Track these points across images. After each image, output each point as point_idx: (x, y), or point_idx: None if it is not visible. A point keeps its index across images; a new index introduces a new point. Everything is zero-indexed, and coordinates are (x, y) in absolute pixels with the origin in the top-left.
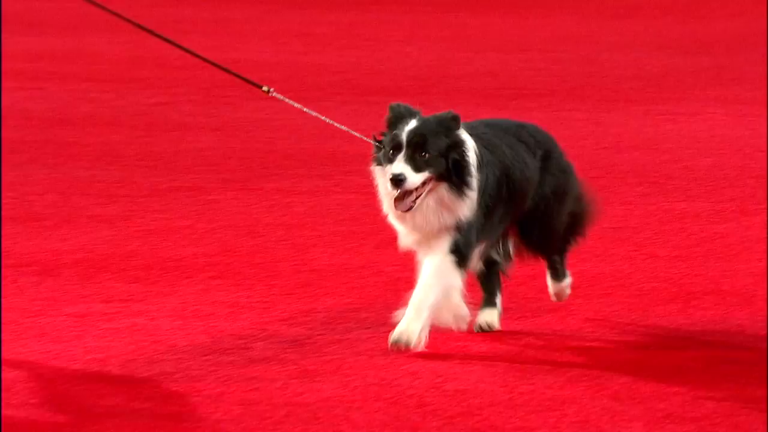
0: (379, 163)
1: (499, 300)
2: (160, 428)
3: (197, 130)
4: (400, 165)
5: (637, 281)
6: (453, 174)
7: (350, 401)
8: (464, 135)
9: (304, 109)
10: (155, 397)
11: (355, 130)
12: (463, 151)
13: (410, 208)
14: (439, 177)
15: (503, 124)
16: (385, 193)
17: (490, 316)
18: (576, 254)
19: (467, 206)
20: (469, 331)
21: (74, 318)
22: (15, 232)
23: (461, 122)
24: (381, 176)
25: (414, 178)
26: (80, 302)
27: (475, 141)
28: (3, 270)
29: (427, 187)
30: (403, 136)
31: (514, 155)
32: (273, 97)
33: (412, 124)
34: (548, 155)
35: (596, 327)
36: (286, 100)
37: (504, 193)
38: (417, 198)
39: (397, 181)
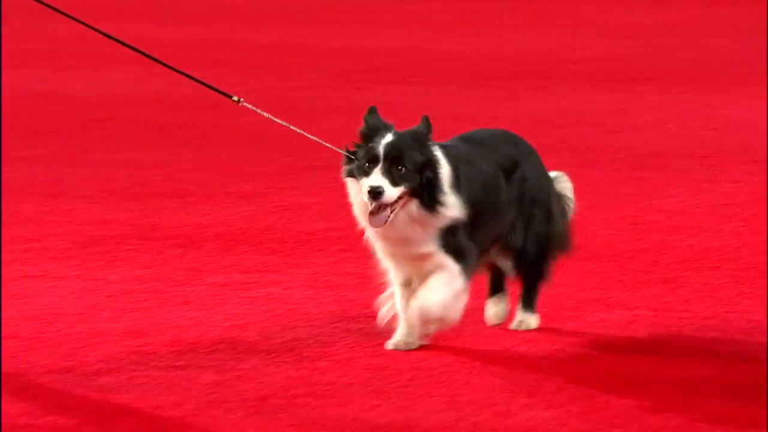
0: (352, 175)
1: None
2: (294, 389)
3: (330, 113)
4: (377, 178)
5: (745, 255)
6: (425, 190)
7: (470, 367)
8: (438, 152)
9: (275, 119)
10: (289, 361)
11: (474, 114)
12: (436, 168)
13: (385, 222)
14: (413, 192)
15: (477, 136)
16: (360, 206)
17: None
18: (686, 229)
19: (439, 221)
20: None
21: (215, 287)
22: (162, 207)
23: (436, 141)
24: (355, 188)
25: (391, 192)
26: (220, 272)
27: (452, 159)
28: (150, 242)
29: (401, 202)
30: (380, 149)
31: (491, 169)
32: (413, 83)
33: (388, 137)
34: (517, 166)
35: (704, 298)
36: (256, 110)
37: (486, 208)
38: (392, 212)
39: (375, 194)
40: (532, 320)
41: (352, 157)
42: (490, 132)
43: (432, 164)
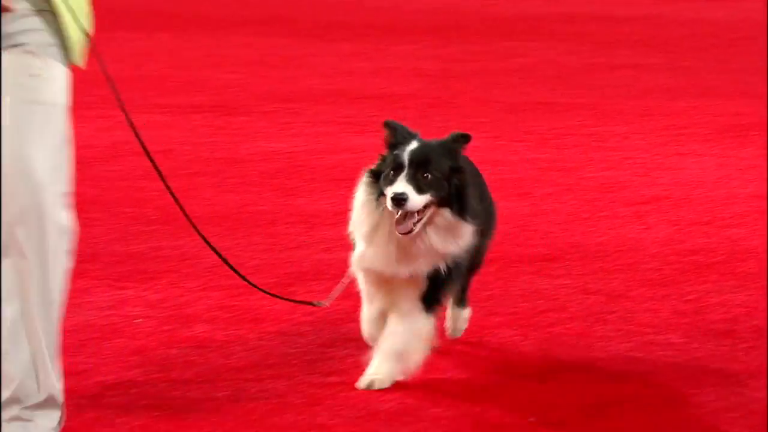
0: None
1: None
2: None
3: None
4: (401, 184)
5: None
6: (454, 199)
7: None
8: (467, 160)
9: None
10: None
11: None
12: (465, 176)
13: (410, 231)
14: (441, 202)
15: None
16: (364, 209)
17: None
18: None
19: (468, 236)
20: None
21: None
22: None
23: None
24: (366, 201)
25: (416, 200)
26: None
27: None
28: None
29: (429, 212)
30: (405, 156)
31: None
32: None
33: (414, 144)
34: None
35: None
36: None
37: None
38: (418, 221)
39: (399, 201)
40: (465, 318)
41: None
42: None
43: (461, 170)
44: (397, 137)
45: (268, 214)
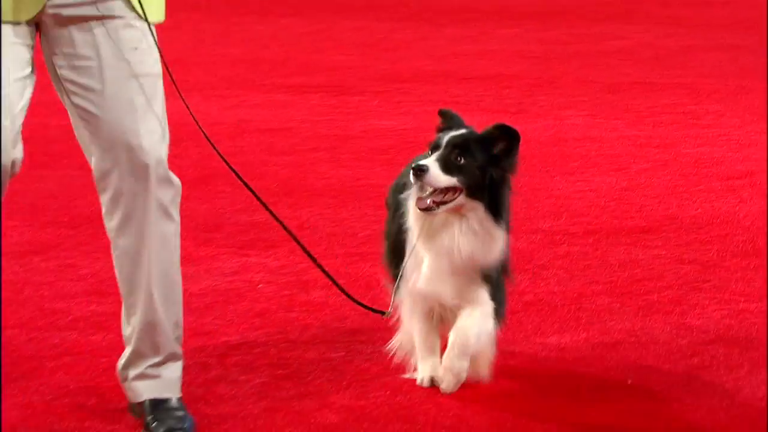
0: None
1: None
2: None
3: None
4: (428, 159)
5: None
6: (488, 195)
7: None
8: (516, 158)
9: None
10: None
11: None
12: (506, 175)
13: (428, 209)
14: (472, 194)
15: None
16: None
17: None
18: None
19: (501, 241)
20: None
21: None
22: None
23: None
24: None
25: (438, 175)
26: None
27: None
28: None
29: (456, 199)
30: (444, 139)
31: None
32: None
33: (459, 131)
34: None
35: None
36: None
37: None
38: (440, 204)
39: (418, 171)
40: None
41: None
42: None
43: (500, 167)
44: (447, 124)
45: (380, 188)
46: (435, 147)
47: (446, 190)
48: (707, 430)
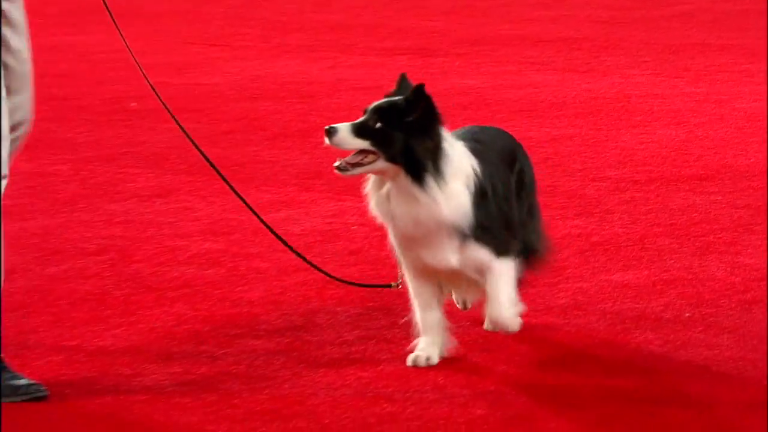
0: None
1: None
2: None
3: None
4: (342, 124)
5: None
6: (407, 159)
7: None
8: (450, 137)
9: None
10: None
11: None
12: (425, 137)
13: (340, 168)
14: (391, 159)
15: (472, 133)
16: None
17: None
18: None
19: (443, 200)
20: None
21: None
22: None
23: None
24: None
25: (345, 138)
26: None
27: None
28: None
29: (374, 163)
30: (371, 105)
31: (506, 172)
32: None
33: (393, 98)
34: (516, 159)
35: None
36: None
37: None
38: (355, 166)
39: (328, 132)
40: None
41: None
42: (480, 128)
43: (423, 130)
44: (397, 90)
45: None
46: (364, 112)
47: (364, 153)
48: (761, 358)
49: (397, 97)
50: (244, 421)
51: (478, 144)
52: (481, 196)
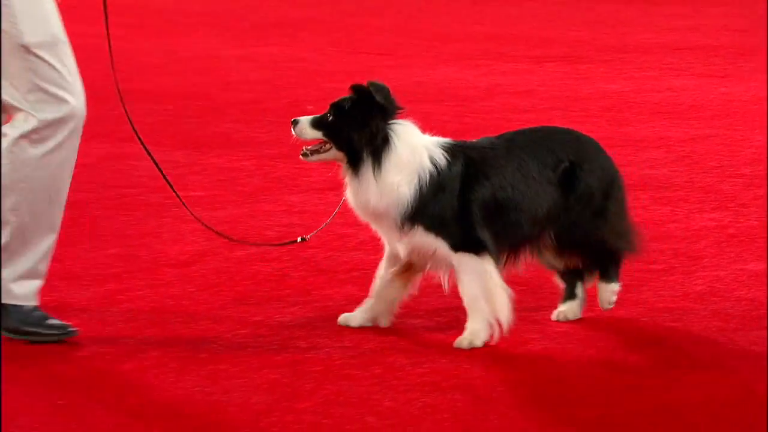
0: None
1: (580, 291)
2: None
3: None
4: (304, 117)
5: None
6: (348, 148)
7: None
8: (383, 121)
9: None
10: None
11: None
12: (363, 129)
13: (304, 155)
14: (339, 148)
15: (523, 137)
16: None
17: (569, 307)
18: None
19: (368, 192)
20: None
21: None
22: None
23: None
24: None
25: (303, 129)
26: None
27: (458, 158)
28: None
29: (327, 151)
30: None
31: (517, 174)
32: None
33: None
34: (574, 167)
35: None
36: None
37: (489, 212)
38: (314, 153)
39: (293, 124)
40: (613, 291)
41: None
42: (542, 129)
43: (365, 123)
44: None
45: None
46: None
47: (323, 143)
48: None
49: (357, 97)
50: (407, 392)
51: (499, 145)
52: (437, 187)
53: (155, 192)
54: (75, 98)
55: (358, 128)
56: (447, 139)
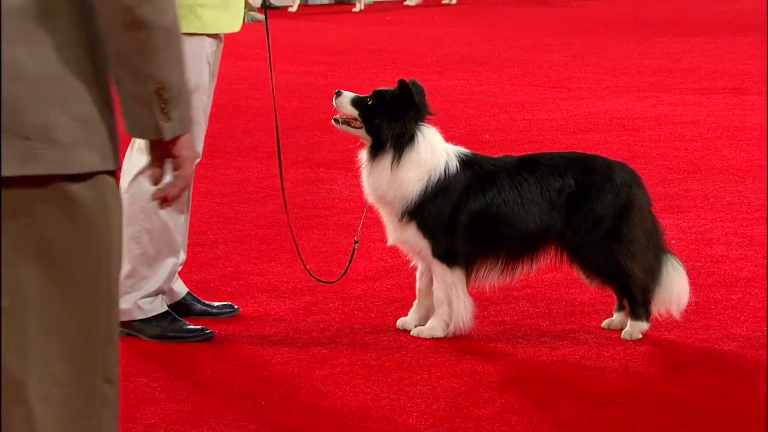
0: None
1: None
2: None
3: None
4: (348, 92)
5: None
6: (376, 135)
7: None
8: (414, 119)
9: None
10: None
11: None
12: (395, 122)
13: (335, 121)
14: (368, 131)
15: (544, 159)
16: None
17: (616, 317)
18: None
19: (382, 179)
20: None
21: None
22: None
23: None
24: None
25: (344, 103)
26: None
27: (467, 169)
28: None
29: (357, 129)
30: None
31: (513, 193)
32: None
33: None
34: (580, 191)
35: None
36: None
37: (478, 224)
38: (344, 123)
39: (336, 94)
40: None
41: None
42: (564, 155)
43: (395, 114)
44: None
45: None
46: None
47: (355, 119)
48: None
49: (400, 90)
50: (580, 404)
51: (511, 163)
52: (440, 191)
53: (346, 213)
54: None
55: (391, 120)
56: (466, 151)
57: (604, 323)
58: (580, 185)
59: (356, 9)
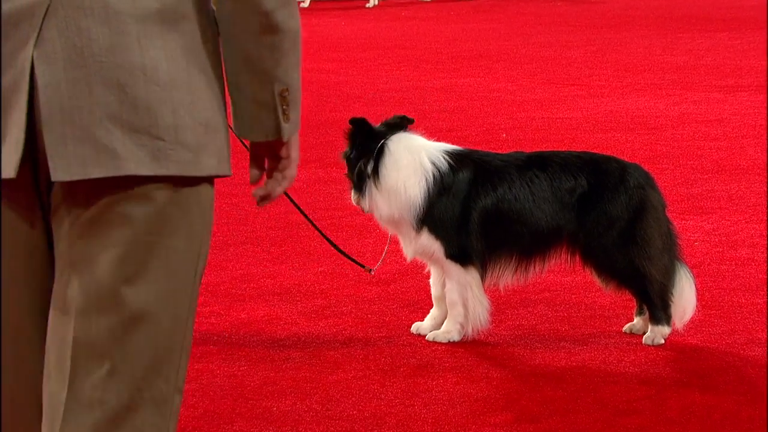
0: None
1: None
2: None
3: None
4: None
5: None
6: (349, 175)
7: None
8: (386, 142)
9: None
10: None
11: None
12: (354, 150)
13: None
14: (349, 177)
15: (556, 158)
16: None
17: (637, 321)
18: None
19: (382, 199)
20: None
21: None
22: None
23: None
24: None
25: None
26: None
27: (467, 165)
28: None
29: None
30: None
31: (524, 189)
32: None
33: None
34: (592, 192)
35: None
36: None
37: (490, 221)
38: (357, 203)
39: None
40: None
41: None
42: (578, 154)
43: (361, 157)
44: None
45: None
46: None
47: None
48: None
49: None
50: (601, 410)
51: (520, 160)
52: (443, 190)
53: (359, 214)
54: None
55: (357, 160)
56: (455, 146)
57: (624, 328)
58: (593, 186)
59: (370, 5)
